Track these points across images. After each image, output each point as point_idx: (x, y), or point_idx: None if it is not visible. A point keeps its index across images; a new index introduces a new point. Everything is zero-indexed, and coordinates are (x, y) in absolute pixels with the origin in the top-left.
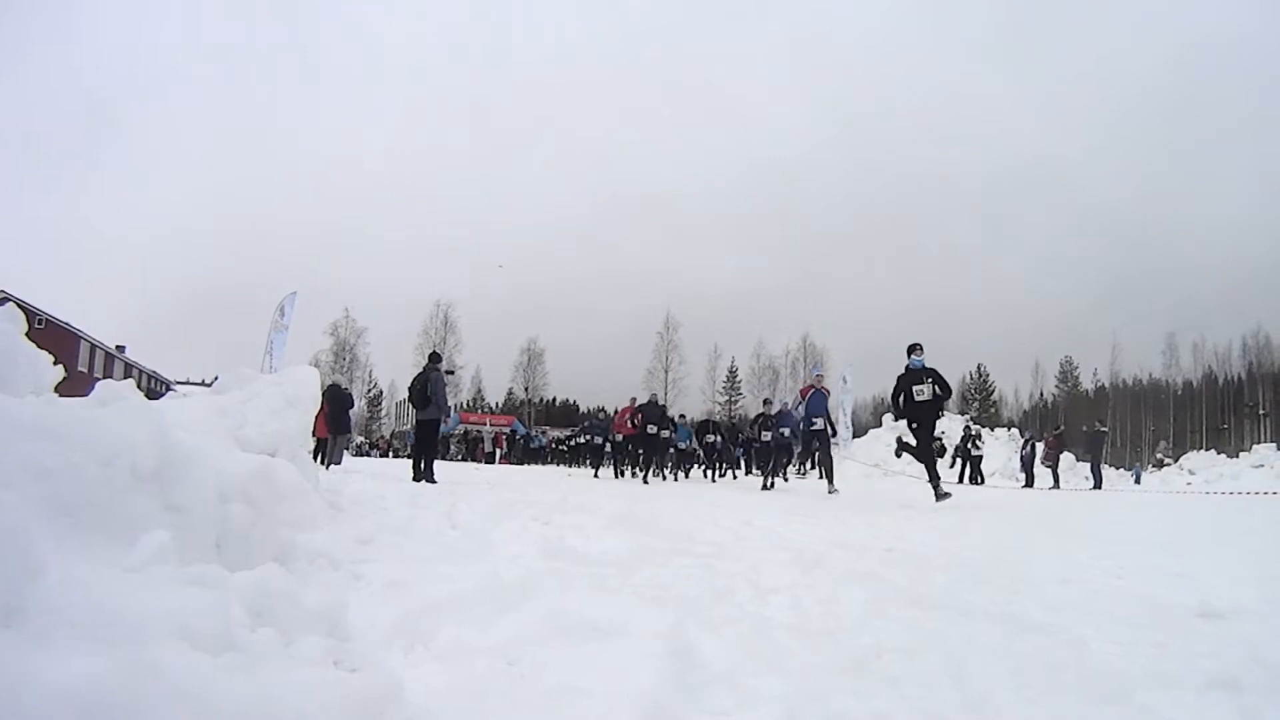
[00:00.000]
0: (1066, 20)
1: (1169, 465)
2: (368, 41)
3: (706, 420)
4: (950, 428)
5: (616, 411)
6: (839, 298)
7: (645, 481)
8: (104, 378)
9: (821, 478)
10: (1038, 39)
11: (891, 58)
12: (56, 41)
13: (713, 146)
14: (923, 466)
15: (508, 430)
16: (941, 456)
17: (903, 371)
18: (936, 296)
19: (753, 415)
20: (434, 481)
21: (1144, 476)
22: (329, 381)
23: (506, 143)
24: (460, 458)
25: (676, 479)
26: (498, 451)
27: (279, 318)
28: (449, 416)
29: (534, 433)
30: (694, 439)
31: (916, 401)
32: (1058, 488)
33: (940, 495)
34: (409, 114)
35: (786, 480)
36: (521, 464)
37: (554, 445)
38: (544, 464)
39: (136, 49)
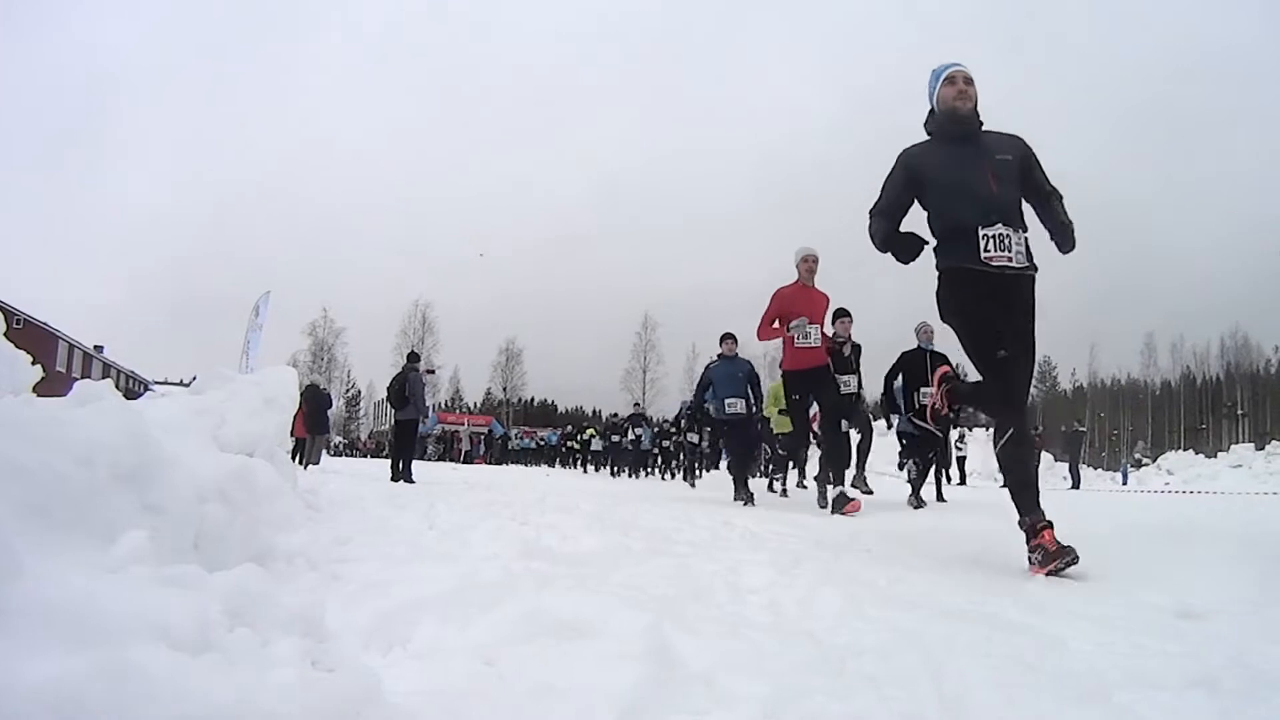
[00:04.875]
0: (1047, 21)
1: (1147, 465)
2: (351, 37)
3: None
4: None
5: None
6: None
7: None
8: (82, 377)
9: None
10: (1017, 41)
11: (883, 63)
12: (32, 34)
13: (699, 149)
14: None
15: (485, 430)
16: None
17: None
18: (918, 298)
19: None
20: (412, 481)
21: (1128, 476)
22: (307, 381)
23: (489, 142)
24: (438, 458)
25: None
26: (463, 450)
27: (254, 317)
28: (427, 417)
29: (514, 432)
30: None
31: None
32: None
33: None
34: (391, 112)
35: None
36: (500, 464)
37: (565, 444)
38: (553, 465)
39: (115, 43)
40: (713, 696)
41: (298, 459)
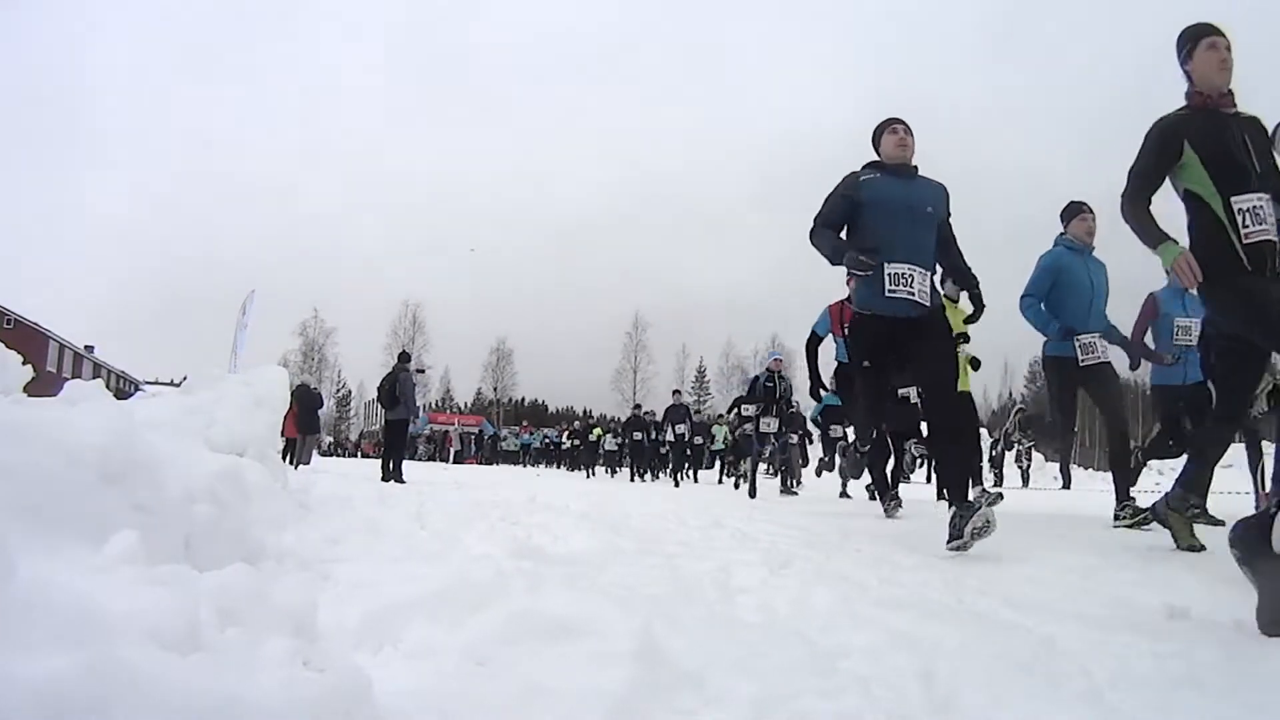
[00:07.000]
0: (1036, 20)
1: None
2: (344, 37)
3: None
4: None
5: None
6: (816, 298)
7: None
8: (73, 378)
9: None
10: (1007, 40)
11: (883, 67)
12: (18, 29)
13: (694, 149)
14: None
15: (475, 430)
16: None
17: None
18: None
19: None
20: (403, 481)
21: None
22: (297, 381)
23: (482, 141)
24: (428, 458)
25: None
26: (453, 450)
27: (240, 316)
28: (418, 417)
29: (504, 432)
30: None
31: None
32: (1026, 487)
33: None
34: (383, 111)
35: None
36: (490, 464)
37: (572, 440)
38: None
39: (105, 40)
40: (703, 696)
41: (288, 459)
